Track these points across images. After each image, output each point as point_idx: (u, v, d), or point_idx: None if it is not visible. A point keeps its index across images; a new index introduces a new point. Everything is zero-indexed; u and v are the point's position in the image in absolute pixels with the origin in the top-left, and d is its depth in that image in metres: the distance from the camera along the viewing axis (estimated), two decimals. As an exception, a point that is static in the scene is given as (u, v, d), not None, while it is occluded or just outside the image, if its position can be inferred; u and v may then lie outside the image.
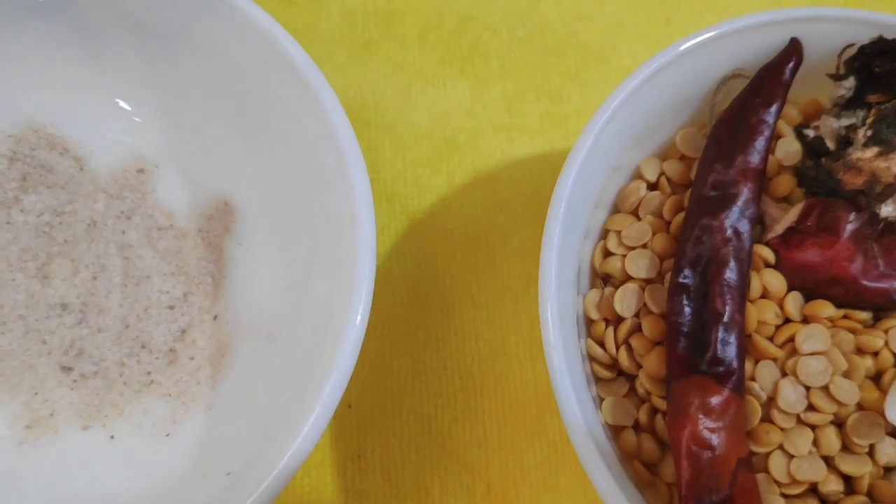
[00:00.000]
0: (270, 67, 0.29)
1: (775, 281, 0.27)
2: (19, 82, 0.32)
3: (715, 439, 0.24)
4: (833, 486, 0.26)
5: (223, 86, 0.30)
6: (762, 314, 0.27)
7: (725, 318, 0.26)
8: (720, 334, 0.25)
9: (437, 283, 0.35)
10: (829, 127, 0.28)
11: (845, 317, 0.27)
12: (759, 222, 0.29)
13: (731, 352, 0.25)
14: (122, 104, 0.33)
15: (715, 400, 0.25)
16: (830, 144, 0.27)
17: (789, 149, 0.30)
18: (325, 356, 0.25)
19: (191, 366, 0.31)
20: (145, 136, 0.33)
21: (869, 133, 0.25)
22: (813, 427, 0.26)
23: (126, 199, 0.33)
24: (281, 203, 0.30)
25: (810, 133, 0.29)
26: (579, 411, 0.24)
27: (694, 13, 0.40)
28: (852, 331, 0.27)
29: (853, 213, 0.27)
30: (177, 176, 0.33)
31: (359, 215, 0.25)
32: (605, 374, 0.28)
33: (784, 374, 0.26)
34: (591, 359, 0.28)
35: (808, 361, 0.26)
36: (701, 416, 0.24)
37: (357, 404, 0.33)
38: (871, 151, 0.25)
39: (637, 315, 0.28)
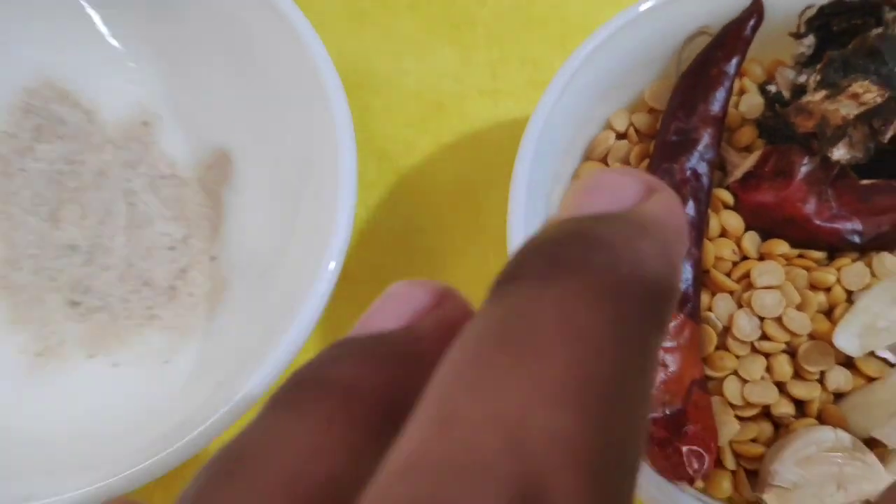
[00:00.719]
0: (269, 27, 0.31)
1: (733, 220, 0.29)
2: (35, 39, 0.34)
3: (669, 359, 0.26)
4: (784, 409, 0.27)
5: (224, 43, 0.33)
6: (720, 251, 0.29)
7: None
8: (677, 265, 0.27)
9: (423, 236, 0.37)
10: (786, 78, 0.30)
11: (800, 255, 0.29)
12: (721, 169, 0.31)
13: (686, 283, 0.27)
14: (129, 61, 0.35)
15: (672, 324, 0.27)
16: (786, 94, 0.29)
17: (752, 102, 0.32)
18: (304, 289, 0.27)
19: (189, 301, 0.33)
20: (150, 90, 0.35)
21: (818, 77, 0.27)
22: (766, 355, 0.28)
23: (132, 150, 0.35)
24: (274, 154, 0.32)
25: (772, 88, 0.31)
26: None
27: (673, -12, 0.42)
28: (806, 268, 0.29)
29: (807, 157, 0.29)
30: (179, 128, 0.35)
31: (340, 166, 0.27)
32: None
33: (740, 306, 0.28)
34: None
35: (762, 294, 0.28)
36: (659, 336, 0.26)
37: (345, 344, 0.34)
38: (820, 94, 0.27)
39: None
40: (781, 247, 0.29)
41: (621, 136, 0.32)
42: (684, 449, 0.26)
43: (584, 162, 0.32)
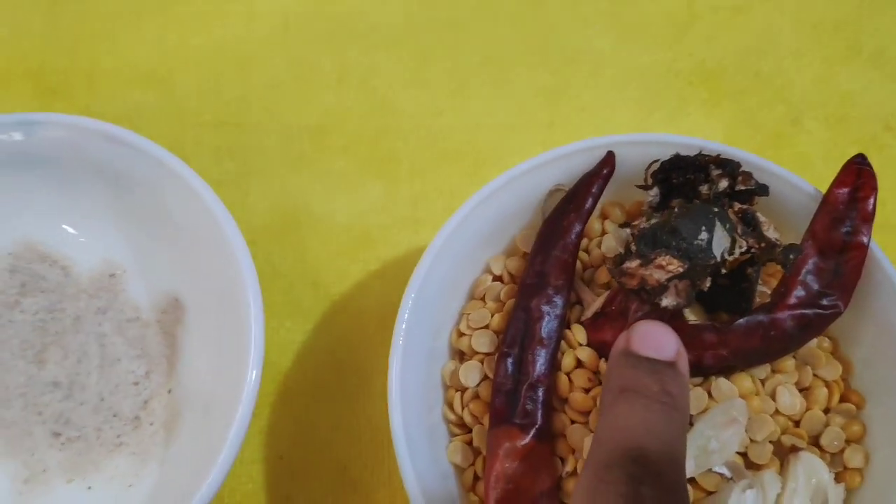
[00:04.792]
0: (189, 205, 0.38)
1: (585, 355, 0.34)
2: (17, 212, 0.41)
3: (517, 476, 0.32)
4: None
5: (164, 215, 0.40)
6: (578, 380, 0.34)
7: (532, 380, 0.33)
8: (528, 392, 0.33)
9: (353, 354, 0.43)
10: (620, 237, 0.35)
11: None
12: (579, 304, 0.36)
13: (535, 406, 0.33)
14: (96, 226, 0.42)
15: (519, 444, 0.32)
16: (620, 249, 0.34)
17: (610, 244, 0.37)
18: (227, 425, 0.33)
19: (150, 430, 0.39)
20: (116, 249, 0.42)
21: (633, 248, 0.32)
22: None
23: (102, 298, 0.42)
24: (209, 299, 0.39)
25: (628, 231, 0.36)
26: (409, 460, 0.32)
27: (572, 117, 0.47)
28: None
29: (638, 303, 0.34)
30: (140, 279, 0.42)
31: (250, 319, 0.34)
32: (455, 429, 0.35)
33: (592, 433, 0.34)
34: (446, 418, 0.36)
35: (609, 418, 0.33)
36: (506, 457, 0.32)
37: (287, 455, 0.41)
38: (636, 262, 0.32)
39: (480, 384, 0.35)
40: (628, 375, 0.34)
41: (497, 278, 0.37)
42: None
43: (469, 301, 0.38)
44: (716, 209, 0.33)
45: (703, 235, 0.32)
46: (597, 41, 0.49)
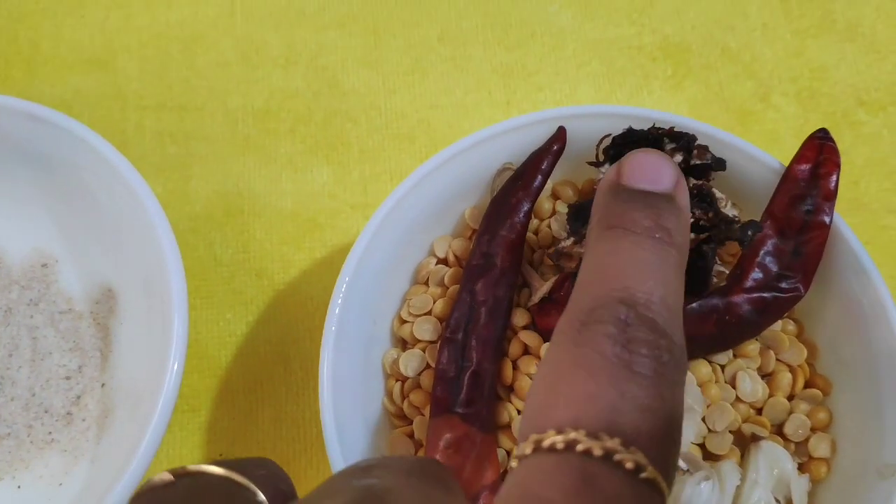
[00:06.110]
0: (114, 189, 0.36)
1: (533, 340, 0.32)
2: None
3: (458, 468, 0.30)
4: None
5: (92, 201, 0.37)
6: (524, 367, 0.32)
7: (475, 367, 0.31)
8: (471, 380, 0.31)
9: (298, 345, 0.41)
10: (561, 221, 0.33)
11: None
12: (527, 287, 0.34)
13: (478, 395, 0.31)
14: (27, 213, 0.40)
15: (461, 435, 0.30)
16: (562, 233, 0.32)
17: (561, 224, 0.35)
18: (148, 419, 0.31)
19: (83, 426, 0.37)
20: (47, 238, 0.40)
21: (567, 226, 0.30)
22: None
23: (34, 289, 0.40)
24: (139, 290, 0.37)
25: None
26: (340, 453, 0.30)
27: (531, 95, 0.45)
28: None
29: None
30: (73, 268, 0.40)
31: (172, 308, 0.31)
32: (395, 421, 0.33)
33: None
34: (386, 408, 0.34)
35: (556, 407, 0.31)
36: (446, 448, 0.30)
37: (227, 453, 0.39)
38: (570, 241, 0.30)
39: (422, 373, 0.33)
40: (577, 361, 0.32)
41: (442, 261, 0.35)
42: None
43: (413, 285, 0.36)
44: (665, 183, 0.31)
45: (650, 211, 0.30)
46: (557, 16, 0.47)
